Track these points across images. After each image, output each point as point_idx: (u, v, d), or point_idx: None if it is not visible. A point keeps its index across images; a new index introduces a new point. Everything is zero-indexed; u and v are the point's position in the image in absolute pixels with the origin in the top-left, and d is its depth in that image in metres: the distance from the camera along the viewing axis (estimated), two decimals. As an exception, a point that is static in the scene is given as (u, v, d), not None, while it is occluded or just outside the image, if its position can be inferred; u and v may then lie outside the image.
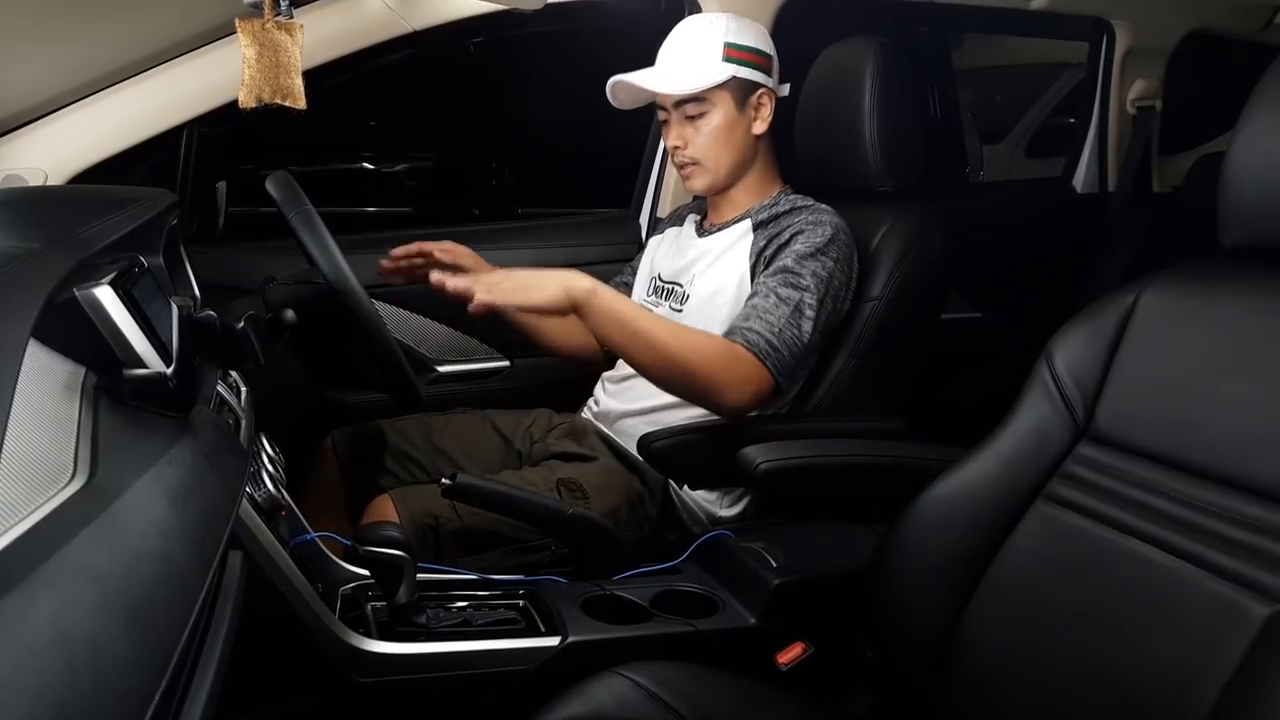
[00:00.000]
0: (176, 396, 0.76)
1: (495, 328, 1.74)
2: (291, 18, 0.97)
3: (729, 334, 1.33)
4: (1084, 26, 2.24)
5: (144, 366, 0.80)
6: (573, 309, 1.20)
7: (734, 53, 1.43)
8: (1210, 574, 0.84)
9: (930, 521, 1.06)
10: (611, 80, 1.45)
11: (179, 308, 0.76)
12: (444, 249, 1.46)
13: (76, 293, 0.76)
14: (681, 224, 1.63)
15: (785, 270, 1.36)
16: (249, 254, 1.72)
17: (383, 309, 1.75)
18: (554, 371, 1.77)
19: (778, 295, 1.34)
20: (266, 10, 0.95)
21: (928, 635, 1.03)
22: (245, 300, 1.27)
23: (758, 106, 1.47)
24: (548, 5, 1.60)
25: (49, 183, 1.38)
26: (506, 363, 1.83)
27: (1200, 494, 0.88)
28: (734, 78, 1.42)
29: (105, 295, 0.80)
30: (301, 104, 1.00)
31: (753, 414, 1.37)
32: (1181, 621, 0.85)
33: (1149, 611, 0.87)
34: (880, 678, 1.13)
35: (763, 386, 1.31)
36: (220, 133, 1.88)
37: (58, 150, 1.40)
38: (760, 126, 1.48)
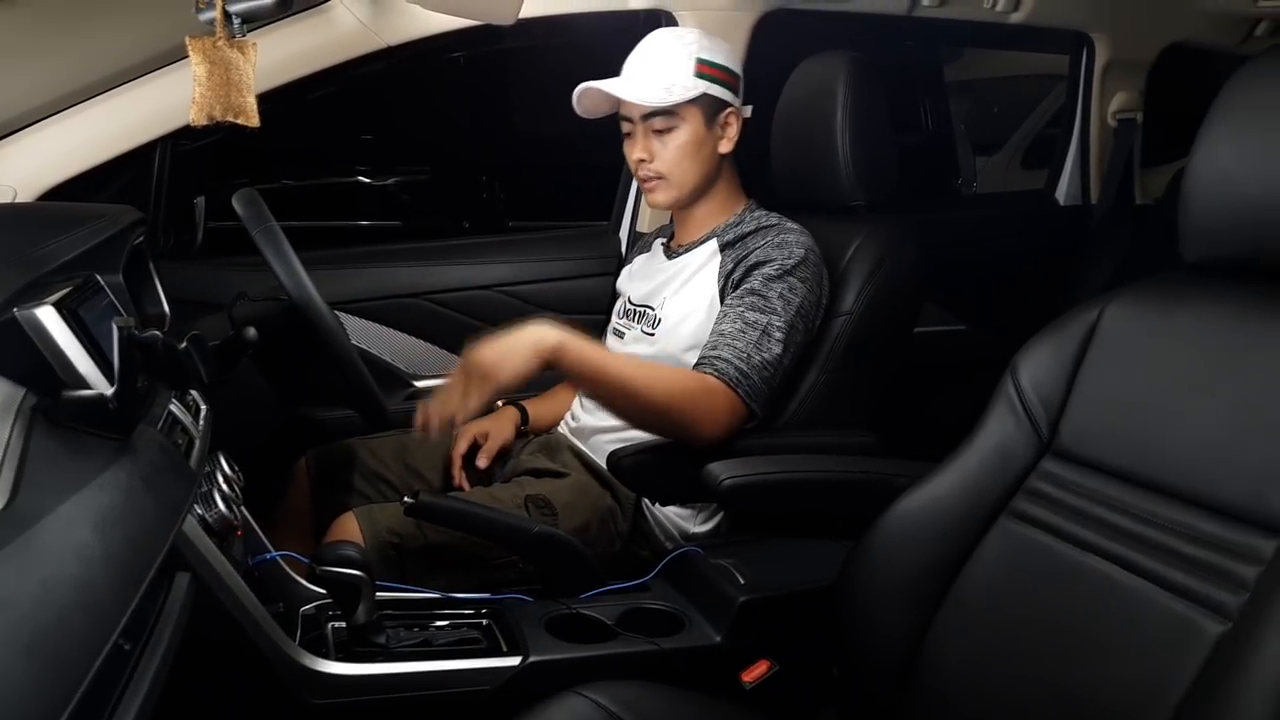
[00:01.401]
0: (116, 418, 0.76)
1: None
2: (244, 36, 0.97)
3: (699, 364, 1.33)
4: (1064, 40, 2.24)
5: (87, 387, 0.80)
6: (546, 365, 1.19)
7: (706, 69, 1.42)
8: (1167, 591, 0.84)
9: (896, 538, 1.05)
10: (581, 86, 1.43)
11: (119, 328, 0.75)
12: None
13: (17, 313, 0.76)
14: (649, 249, 1.63)
15: (752, 293, 1.36)
16: (227, 270, 1.72)
17: (359, 324, 1.75)
18: (531, 387, 1.76)
19: (744, 320, 1.34)
20: (218, 28, 0.94)
21: (893, 652, 1.03)
22: (212, 318, 1.27)
23: (725, 125, 1.46)
24: (526, 20, 1.60)
25: (18, 200, 1.38)
26: (484, 377, 1.82)
27: (1159, 510, 0.88)
28: (705, 94, 1.42)
29: (47, 315, 0.79)
30: (254, 122, 1.00)
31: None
32: (1139, 639, 0.84)
33: (1107, 628, 0.87)
34: (846, 695, 1.12)
35: (735, 415, 1.31)
36: (199, 148, 1.89)
37: (28, 167, 1.40)
38: (726, 146, 1.47)
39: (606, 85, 1.41)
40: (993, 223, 2.38)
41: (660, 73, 1.41)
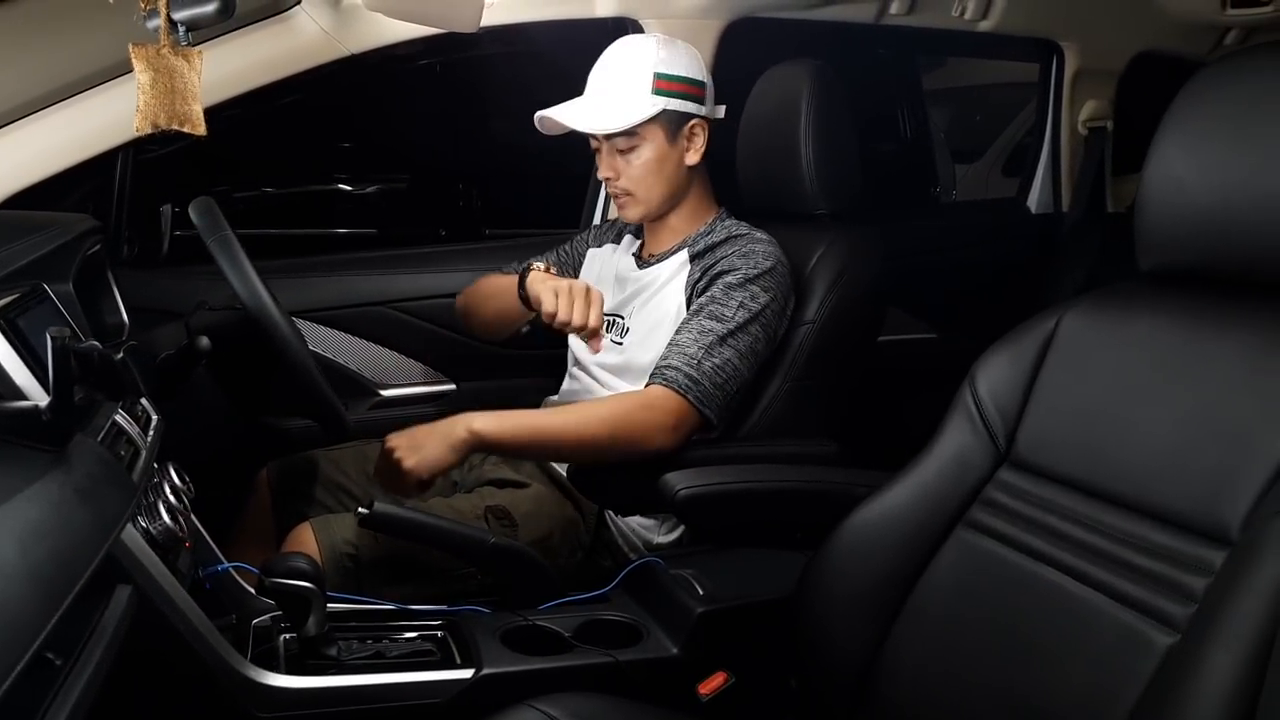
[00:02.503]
0: (50, 430, 0.74)
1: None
2: (189, 44, 0.96)
3: (650, 376, 1.34)
4: (1034, 48, 2.25)
5: (23, 398, 0.79)
6: (471, 451, 1.26)
7: (664, 84, 1.41)
8: (1117, 602, 0.84)
9: (853, 548, 1.05)
10: (537, 115, 1.45)
11: (53, 338, 0.74)
12: None
13: (-53, 324, 0.75)
14: (619, 242, 1.61)
15: (712, 301, 1.36)
16: (192, 279, 1.70)
17: (324, 333, 1.74)
18: (500, 395, 1.76)
19: (700, 328, 1.34)
20: (162, 35, 0.94)
21: (850, 663, 1.02)
22: (169, 327, 1.26)
23: (690, 137, 1.45)
24: (490, 28, 1.60)
25: (-24, 208, 1.36)
26: (452, 386, 1.81)
27: (1111, 520, 0.88)
28: (664, 110, 1.41)
29: (-20, 326, 0.79)
30: (201, 130, 0.99)
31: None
32: (1090, 650, 0.84)
33: (1060, 639, 0.87)
34: (803, 707, 1.11)
35: (685, 422, 1.31)
36: (167, 155, 1.88)
37: (-13, 174, 1.38)
38: (693, 157, 1.46)
39: (561, 116, 1.42)
40: (964, 230, 2.39)
41: (617, 93, 1.41)
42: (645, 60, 1.41)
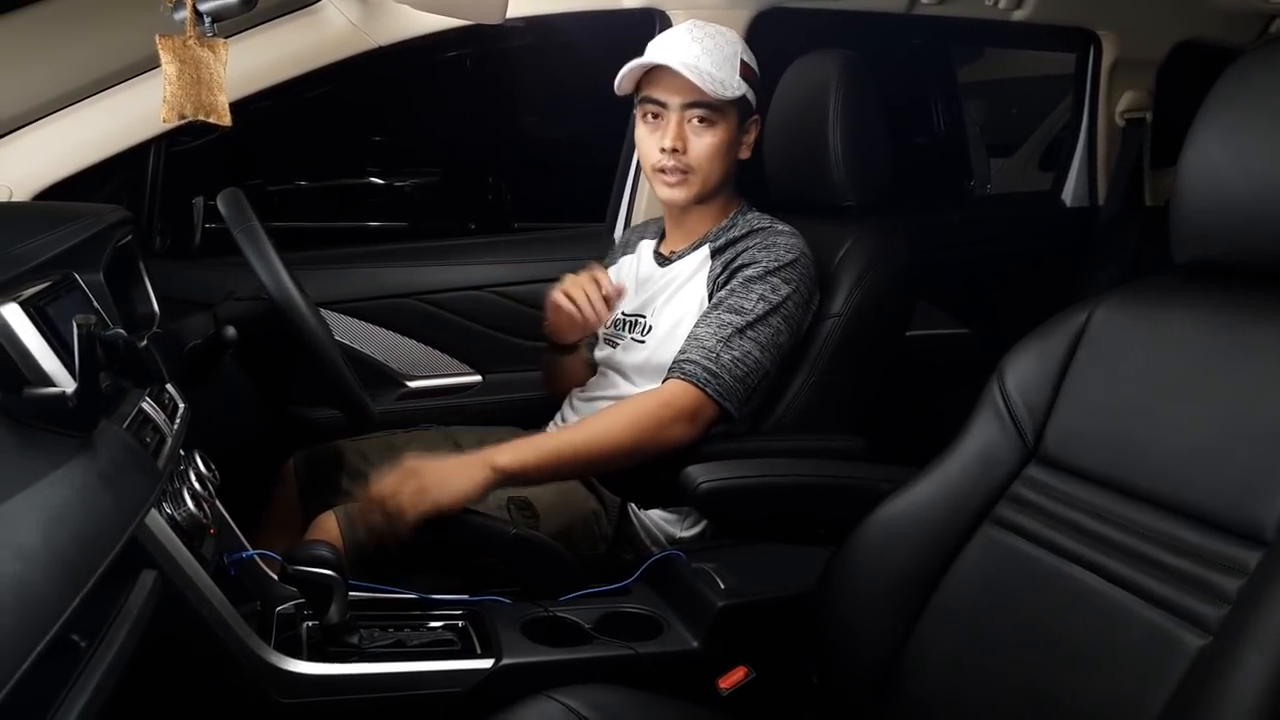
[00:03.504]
0: (77, 415, 0.76)
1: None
2: (215, 35, 0.97)
3: (669, 371, 1.32)
4: (1070, 38, 2.21)
5: (51, 384, 0.80)
6: (494, 486, 1.21)
7: (747, 71, 1.40)
8: (1147, 603, 0.82)
9: (877, 544, 1.04)
10: (638, 61, 1.37)
11: (79, 325, 0.75)
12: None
13: (-23, 311, 0.76)
14: (634, 250, 1.59)
15: (732, 294, 1.35)
16: (222, 269, 1.72)
17: (351, 324, 1.75)
18: (524, 388, 1.77)
19: (719, 321, 1.33)
20: (188, 27, 0.95)
21: (872, 659, 1.01)
22: (197, 317, 1.27)
23: (748, 131, 1.44)
24: (515, 20, 1.60)
25: (12, 199, 1.39)
26: (478, 378, 1.82)
27: (1141, 519, 0.86)
28: (743, 97, 1.39)
29: (11, 313, 0.80)
30: (226, 121, 1.00)
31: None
32: (1117, 651, 0.83)
33: (1088, 639, 0.85)
34: (824, 703, 1.10)
35: (703, 414, 1.30)
36: (200, 148, 1.91)
37: (23, 166, 1.41)
38: (745, 152, 1.45)
39: (676, 64, 1.33)
40: (997, 224, 2.36)
41: (714, 63, 1.36)
42: (733, 43, 1.40)
